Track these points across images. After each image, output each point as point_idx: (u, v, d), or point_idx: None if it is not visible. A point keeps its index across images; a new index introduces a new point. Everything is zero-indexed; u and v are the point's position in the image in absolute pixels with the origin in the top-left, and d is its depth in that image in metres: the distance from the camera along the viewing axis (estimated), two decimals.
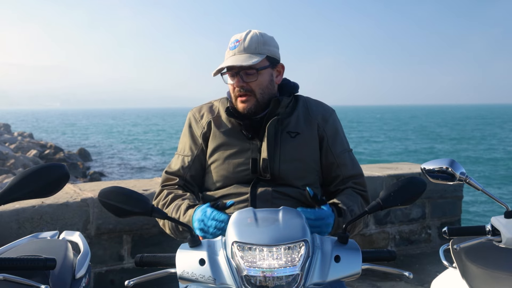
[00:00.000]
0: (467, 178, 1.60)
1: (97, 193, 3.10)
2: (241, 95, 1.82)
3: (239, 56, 1.79)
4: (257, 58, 1.78)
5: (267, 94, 1.84)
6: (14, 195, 1.32)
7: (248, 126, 1.85)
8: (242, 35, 1.83)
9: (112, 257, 3.32)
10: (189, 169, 1.91)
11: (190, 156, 1.92)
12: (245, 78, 1.80)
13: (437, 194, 4.57)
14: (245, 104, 1.82)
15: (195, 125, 1.95)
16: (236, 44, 1.81)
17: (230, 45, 1.84)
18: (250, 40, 1.81)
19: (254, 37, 1.82)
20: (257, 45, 1.81)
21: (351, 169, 1.90)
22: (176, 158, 1.96)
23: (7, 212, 2.93)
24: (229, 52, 1.84)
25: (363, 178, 1.94)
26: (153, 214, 1.34)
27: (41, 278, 1.55)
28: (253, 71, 1.79)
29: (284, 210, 1.37)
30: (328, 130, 1.91)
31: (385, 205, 1.38)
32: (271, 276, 1.22)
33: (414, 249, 4.51)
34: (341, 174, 1.89)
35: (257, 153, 1.84)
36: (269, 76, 1.85)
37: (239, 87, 1.81)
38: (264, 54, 1.81)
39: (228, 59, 1.82)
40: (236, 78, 1.81)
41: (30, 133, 39.18)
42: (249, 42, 1.80)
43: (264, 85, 1.83)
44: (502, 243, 1.56)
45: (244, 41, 1.80)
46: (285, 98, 1.87)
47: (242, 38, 1.82)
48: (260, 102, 1.83)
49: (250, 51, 1.80)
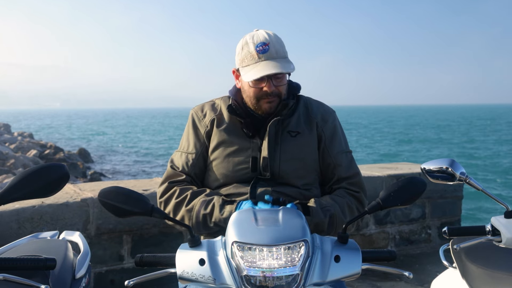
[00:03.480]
0: (467, 178, 1.60)
1: (97, 193, 3.10)
2: (269, 97, 1.82)
3: (278, 62, 1.77)
4: (292, 64, 1.80)
5: (285, 94, 1.87)
6: (14, 195, 1.32)
7: (249, 124, 1.86)
8: (266, 37, 1.79)
9: (112, 257, 3.32)
10: (194, 167, 1.91)
11: (195, 153, 1.91)
12: (275, 82, 1.81)
13: (437, 194, 4.57)
14: (271, 104, 1.83)
15: (198, 123, 1.95)
16: (265, 47, 1.77)
17: (258, 48, 1.78)
18: (277, 43, 1.80)
19: (279, 40, 1.82)
20: (283, 48, 1.82)
21: (347, 170, 1.91)
22: (179, 155, 1.95)
23: (7, 212, 2.92)
24: (259, 56, 1.78)
25: (359, 179, 1.93)
26: (153, 214, 1.34)
27: (41, 278, 1.55)
28: (283, 76, 1.82)
29: (284, 210, 1.37)
30: (327, 131, 1.92)
31: (385, 205, 1.39)
32: (271, 276, 1.23)
33: (414, 249, 4.51)
34: (337, 175, 1.90)
35: (257, 151, 1.84)
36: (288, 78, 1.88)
37: (271, 91, 1.80)
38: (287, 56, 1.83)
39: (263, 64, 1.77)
40: (267, 82, 1.80)
41: (30, 133, 39.16)
42: (278, 45, 1.80)
43: (286, 87, 1.87)
44: (502, 243, 1.56)
45: (274, 45, 1.79)
46: (291, 101, 1.88)
47: (268, 40, 1.78)
48: (282, 101, 1.85)
49: (281, 55, 1.80)
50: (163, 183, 1.91)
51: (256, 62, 1.78)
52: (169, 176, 1.92)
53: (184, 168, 1.90)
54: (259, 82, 1.81)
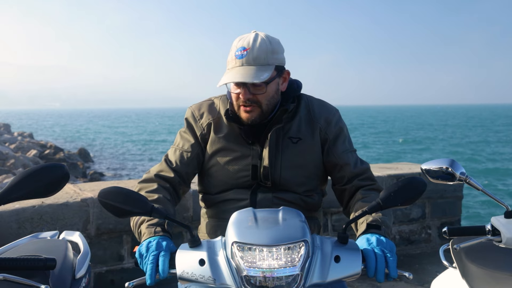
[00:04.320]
0: (467, 178, 1.60)
1: (97, 193, 3.09)
2: (246, 105, 1.74)
3: (249, 70, 1.67)
4: (267, 73, 1.68)
5: (272, 104, 1.78)
6: (14, 195, 1.32)
7: (248, 131, 1.81)
8: (250, 42, 1.70)
9: (112, 257, 3.32)
10: (187, 166, 1.85)
11: (190, 152, 1.86)
12: (252, 90, 1.72)
13: (437, 194, 4.57)
14: (249, 114, 1.75)
15: (193, 124, 1.90)
16: (243, 53, 1.69)
17: (237, 53, 1.70)
18: (258, 49, 1.68)
19: (263, 46, 1.69)
20: (266, 55, 1.69)
21: (355, 167, 1.86)
22: (174, 151, 1.89)
23: (7, 212, 2.92)
24: (235, 61, 1.70)
25: (370, 173, 1.88)
26: (152, 214, 1.33)
27: (41, 278, 1.55)
28: (262, 84, 1.71)
29: (284, 210, 1.37)
30: (331, 132, 1.87)
31: (385, 205, 1.38)
32: (271, 277, 1.22)
33: (414, 249, 4.51)
34: (346, 175, 1.85)
35: (257, 159, 1.81)
36: (275, 86, 1.77)
37: (245, 99, 1.72)
38: (273, 64, 1.71)
39: (235, 70, 1.69)
40: (243, 89, 1.71)
41: (30, 133, 39.15)
42: (258, 52, 1.68)
43: (270, 96, 1.76)
44: (502, 243, 1.56)
45: (253, 51, 1.68)
46: (290, 105, 1.81)
47: (250, 46, 1.69)
48: (265, 112, 1.77)
49: (260, 62, 1.68)
50: (151, 172, 1.84)
51: (232, 67, 1.71)
52: (159, 170, 1.84)
53: (178, 164, 1.84)
54: (236, 88, 1.75)
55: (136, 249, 1.44)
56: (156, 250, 1.39)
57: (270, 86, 1.74)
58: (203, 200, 1.96)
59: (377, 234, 1.50)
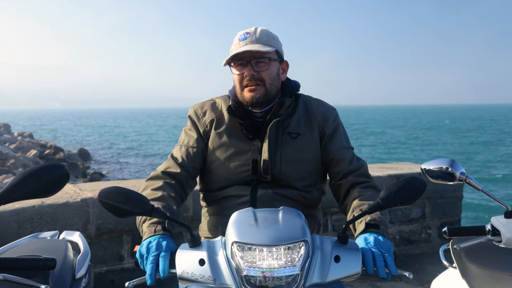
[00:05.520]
0: (467, 178, 1.60)
1: (97, 193, 3.09)
2: (250, 84, 1.80)
3: (252, 45, 1.79)
4: (270, 47, 1.79)
5: (275, 86, 1.84)
6: (14, 195, 1.32)
7: (248, 126, 1.84)
8: (252, 29, 1.85)
9: (112, 257, 3.32)
10: (193, 161, 1.87)
11: (196, 147, 1.89)
12: (256, 67, 1.79)
13: (437, 194, 4.57)
14: (254, 93, 1.80)
15: (197, 121, 1.93)
16: (246, 35, 1.82)
17: (240, 37, 1.83)
18: (260, 32, 1.83)
19: (264, 31, 1.85)
20: (267, 38, 1.83)
21: (350, 163, 1.88)
22: (179, 148, 1.91)
23: (7, 212, 2.93)
24: (239, 43, 1.82)
25: (365, 170, 1.89)
26: (152, 214, 1.33)
27: (41, 278, 1.55)
28: (265, 60, 1.79)
29: (284, 210, 1.36)
30: (328, 129, 1.90)
31: (385, 205, 1.38)
32: (271, 276, 1.22)
33: (414, 249, 4.51)
34: (341, 170, 1.87)
35: (257, 154, 1.83)
36: (277, 69, 1.86)
37: (249, 76, 1.78)
38: (274, 47, 1.82)
39: (241, 47, 1.80)
40: (247, 67, 1.79)
41: (30, 133, 39.16)
42: (260, 34, 1.82)
43: (273, 76, 1.83)
44: (502, 243, 1.56)
45: (255, 33, 1.82)
46: (287, 100, 1.86)
47: (252, 31, 1.83)
48: (269, 92, 1.82)
49: (262, 42, 1.80)
50: (157, 170, 1.85)
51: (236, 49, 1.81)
52: (166, 167, 1.85)
53: (184, 160, 1.86)
54: (240, 68, 1.81)
55: (137, 249, 1.44)
56: (156, 250, 1.39)
57: (272, 66, 1.82)
58: (204, 199, 1.97)
59: (375, 233, 1.51)
